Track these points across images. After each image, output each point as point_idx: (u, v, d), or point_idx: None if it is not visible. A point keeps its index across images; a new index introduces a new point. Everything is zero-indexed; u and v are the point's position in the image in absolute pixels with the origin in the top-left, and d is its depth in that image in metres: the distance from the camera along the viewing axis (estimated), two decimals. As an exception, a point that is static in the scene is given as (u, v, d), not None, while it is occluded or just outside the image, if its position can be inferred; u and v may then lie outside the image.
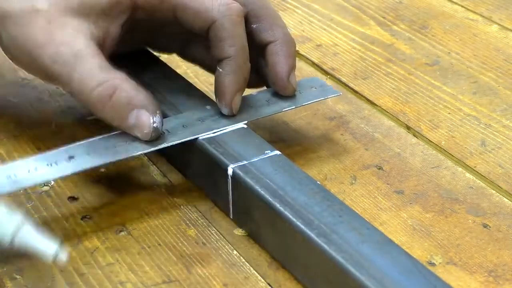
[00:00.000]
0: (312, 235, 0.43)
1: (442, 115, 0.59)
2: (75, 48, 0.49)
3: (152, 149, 0.49)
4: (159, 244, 0.47)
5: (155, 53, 0.60)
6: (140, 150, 0.49)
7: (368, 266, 0.40)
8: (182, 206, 0.50)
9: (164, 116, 0.50)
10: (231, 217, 0.49)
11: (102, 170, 0.53)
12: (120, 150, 0.48)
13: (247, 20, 0.52)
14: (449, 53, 0.68)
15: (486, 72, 0.65)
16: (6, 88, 0.62)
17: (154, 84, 0.55)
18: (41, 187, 0.52)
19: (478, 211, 0.50)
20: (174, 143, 0.49)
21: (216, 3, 0.51)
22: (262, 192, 0.46)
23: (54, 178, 0.48)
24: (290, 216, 0.44)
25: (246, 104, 0.52)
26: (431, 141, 0.56)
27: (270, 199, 0.45)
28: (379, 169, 0.54)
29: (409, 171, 0.53)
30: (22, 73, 0.63)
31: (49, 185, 0.52)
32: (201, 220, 0.49)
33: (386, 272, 0.40)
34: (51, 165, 0.47)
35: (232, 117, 0.51)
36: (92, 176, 0.53)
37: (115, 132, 0.49)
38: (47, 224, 0.48)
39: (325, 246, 0.42)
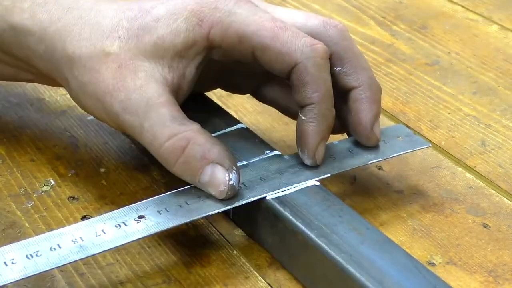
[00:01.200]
0: (312, 235, 0.43)
1: (442, 115, 0.59)
2: (147, 96, 0.45)
3: (229, 207, 0.45)
4: (159, 244, 0.47)
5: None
6: (215, 208, 0.44)
7: (368, 266, 0.40)
8: (182, 206, 0.50)
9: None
10: (231, 217, 0.49)
11: (102, 170, 0.53)
12: (194, 208, 0.44)
13: (330, 62, 0.48)
14: (449, 53, 0.68)
15: (486, 72, 0.65)
16: (6, 88, 0.62)
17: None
18: (41, 187, 0.52)
19: (478, 211, 0.50)
20: (252, 199, 0.45)
21: (300, 44, 0.46)
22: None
23: (124, 244, 0.43)
24: (290, 217, 0.44)
25: (327, 154, 0.48)
26: (431, 141, 0.56)
27: (270, 199, 0.45)
28: (379, 169, 0.54)
29: (409, 171, 0.53)
30: (22, 73, 0.63)
31: (49, 185, 0.52)
32: (201, 220, 0.49)
33: (386, 272, 0.40)
34: (119, 226, 0.43)
35: (314, 168, 0.48)
36: (92, 176, 0.53)
37: (185, 187, 0.46)
38: (47, 224, 0.49)
39: (325, 247, 0.42)
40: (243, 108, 0.60)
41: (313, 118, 0.47)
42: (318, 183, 0.47)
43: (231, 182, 0.44)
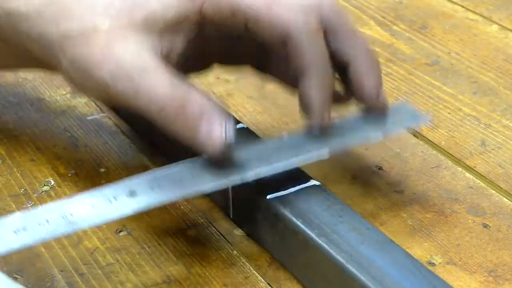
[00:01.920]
0: (312, 235, 0.43)
1: (442, 115, 0.59)
2: (140, 63, 0.46)
3: (222, 182, 0.44)
4: (159, 244, 0.47)
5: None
6: (208, 184, 0.44)
7: (368, 266, 0.40)
8: (182, 206, 0.50)
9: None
10: (231, 216, 0.49)
11: (102, 170, 0.53)
12: (187, 184, 0.44)
13: (326, 39, 0.48)
14: (449, 53, 0.68)
15: (486, 72, 0.65)
16: (6, 88, 0.62)
17: None
18: (41, 187, 0.52)
19: (478, 211, 0.50)
20: (247, 178, 0.44)
21: (293, 15, 0.47)
22: (262, 192, 0.46)
23: (114, 218, 0.42)
24: (290, 216, 0.44)
25: (330, 131, 0.47)
26: (431, 141, 0.56)
27: (270, 199, 0.45)
28: (379, 169, 0.54)
29: (409, 171, 0.53)
30: (22, 73, 0.63)
31: (49, 185, 0.52)
32: (201, 220, 0.49)
33: (386, 272, 0.40)
34: (110, 201, 0.42)
35: (317, 144, 0.47)
36: (92, 176, 0.53)
37: (179, 163, 0.45)
38: (47, 224, 0.49)
39: (326, 246, 0.42)
40: (243, 108, 0.60)
41: (313, 85, 0.47)
42: (318, 183, 0.47)
43: (227, 140, 0.44)
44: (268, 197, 0.45)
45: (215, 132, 0.44)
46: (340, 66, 0.48)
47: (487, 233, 0.48)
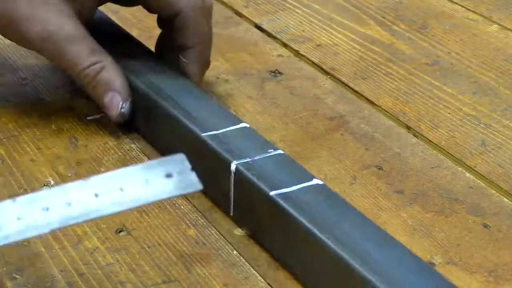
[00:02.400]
0: (315, 230, 0.43)
1: (442, 115, 0.59)
2: (66, 31, 0.54)
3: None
4: (159, 244, 0.47)
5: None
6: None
7: (371, 262, 0.40)
8: (182, 206, 0.50)
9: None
10: (231, 214, 0.49)
11: (102, 170, 0.53)
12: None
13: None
14: (449, 53, 0.68)
15: (486, 72, 0.65)
16: (6, 88, 0.62)
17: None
18: (41, 187, 0.52)
19: (478, 211, 0.50)
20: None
21: None
22: (265, 188, 0.46)
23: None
24: (293, 212, 0.44)
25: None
26: (431, 141, 0.56)
27: (273, 195, 0.45)
28: (379, 169, 0.54)
29: (409, 171, 0.53)
30: (22, 73, 0.63)
31: (49, 185, 0.52)
32: (201, 220, 0.49)
33: (389, 268, 0.40)
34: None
35: None
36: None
37: None
38: (47, 224, 0.49)
39: (328, 242, 0.42)
40: (243, 108, 0.60)
41: (194, 60, 0.57)
42: (321, 182, 0.47)
43: (122, 110, 0.55)
44: (271, 193, 0.45)
45: (114, 105, 0.55)
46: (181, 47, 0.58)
47: (487, 233, 0.48)
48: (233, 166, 0.47)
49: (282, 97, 0.61)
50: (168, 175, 0.43)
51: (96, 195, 0.42)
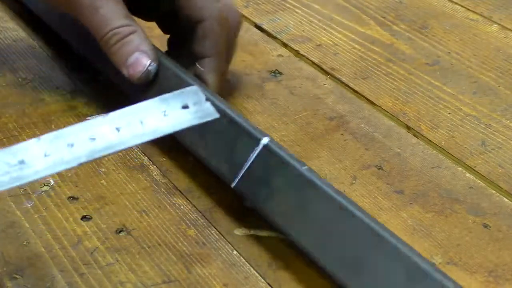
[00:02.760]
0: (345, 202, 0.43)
1: (442, 115, 0.59)
2: None
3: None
4: (159, 244, 0.47)
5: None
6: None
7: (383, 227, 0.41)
8: (182, 206, 0.50)
9: None
10: (233, 185, 0.48)
11: (102, 170, 0.53)
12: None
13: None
14: (449, 53, 0.68)
15: (486, 72, 0.65)
16: (6, 88, 0.62)
17: None
18: (41, 187, 0.52)
19: (478, 211, 0.50)
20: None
21: (215, 6, 0.57)
22: (295, 164, 0.46)
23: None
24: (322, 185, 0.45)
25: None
26: (431, 141, 0.56)
27: (299, 167, 0.46)
28: (379, 169, 0.54)
29: (409, 171, 0.53)
30: (22, 73, 0.63)
31: (49, 185, 0.52)
32: (201, 220, 0.49)
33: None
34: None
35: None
36: (92, 176, 0.53)
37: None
38: (47, 224, 0.49)
39: (345, 202, 0.43)
40: (243, 108, 0.60)
41: (210, 69, 0.57)
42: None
43: (150, 68, 0.54)
44: (303, 167, 0.46)
45: (140, 63, 0.55)
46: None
47: (487, 233, 0.48)
48: (265, 140, 0.48)
49: (282, 97, 0.61)
50: (185, 106, 0.45)
51: (118, 129, 0.44)
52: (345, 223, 0.43)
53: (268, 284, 0.45)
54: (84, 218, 0.49)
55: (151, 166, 0.54)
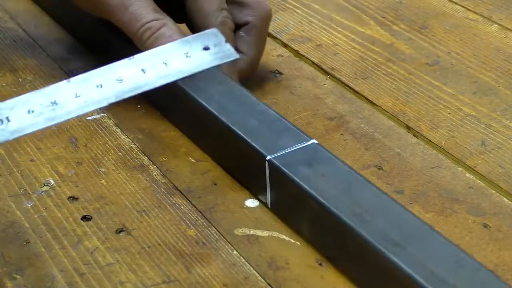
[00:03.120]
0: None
1: (442, 115, 0.59)
2: None
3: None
4: (159, 244, 0.47)
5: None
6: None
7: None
8: (182, 206, 0.50)
9: None
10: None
11: (102, 170, 0.53)
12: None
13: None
14: (449, 53, 0.68)
15: (486, 72, 0.65)
16: (6, 88, 0.62)
17: None
18: (41, 187, 0.52)
19: (478, 211, 0.50)
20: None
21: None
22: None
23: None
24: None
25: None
26: (431, 141, 0.56)
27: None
28: (379, 169, 0.54)
29: (409, 171, 0.53)
30: (22, 73, 0.63)
31: (49, 185, 0.52)
32: (201, 220, 0.49)
33: None
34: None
35: None
36: (92, 176, 0.53)
37: None
38: (47, 224, 0.49)
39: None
40: (243, 108, 0.60)
41: (252, 35, 0.60)
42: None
43: None
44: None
45: None
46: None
47: (487, 233, 0.48)
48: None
49: (282, 97, 0.61)
50: (206, 48, 0.47)
51: (143, 71, 0.47)
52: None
53: (268, 284, 0.45)
54: (84, 218, 0.49)
55: (151, 166, 0.54)
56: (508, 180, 0.52)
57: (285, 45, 0.69)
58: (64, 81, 0.45)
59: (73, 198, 0.51)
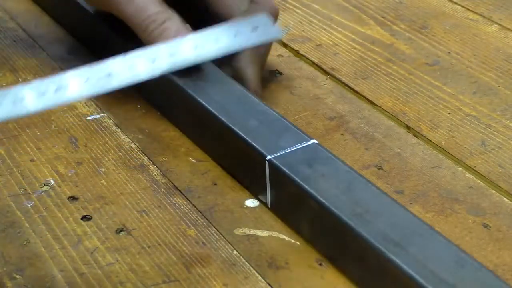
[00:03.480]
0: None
1: (442, 115, 0.59)
2: None
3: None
4: (159, 244, 0.47)
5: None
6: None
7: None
8: (182, 206, 0.50)
9: None
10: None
11: (102, 170, 0.53)
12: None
13: None
14: (449, 53, 0.68)
15: (486, 72, 0.65)
16: (6, 88, 0.62)
17: None
18: (41, 187, 0.52)
19: (478, 211, 0.50)
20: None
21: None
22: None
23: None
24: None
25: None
26: (431, 141, 0.56)
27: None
28: (379, 169, 0.54)
29: (409, 171, 0.53)
30: (22, 73, 0.63)
31: (49, 185, 0.52)
32: (201, 220, 0.49)
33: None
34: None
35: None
36: (92, 176, 0.53)
37: None
38: (47, 224, 0.49)
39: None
40: (243, 108, 0.60)
41: (249, 63, 0.58)
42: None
43: None
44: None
45: None
46: None
47: (487, 233, 0.48)
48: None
49: (282, 97, 0.61)
50: (254, 28, 0.51)
51: (196, 47, 0.51)
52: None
53: (268, 284, 0.45)
54: (84, 218, 0.49)
55: (151, 166, 0.54)
56: (508, 180, 0.52)
57: (285, 45, 0.69)
58: (112, 59, 0.48)
59: (73, 198, 0.51)
